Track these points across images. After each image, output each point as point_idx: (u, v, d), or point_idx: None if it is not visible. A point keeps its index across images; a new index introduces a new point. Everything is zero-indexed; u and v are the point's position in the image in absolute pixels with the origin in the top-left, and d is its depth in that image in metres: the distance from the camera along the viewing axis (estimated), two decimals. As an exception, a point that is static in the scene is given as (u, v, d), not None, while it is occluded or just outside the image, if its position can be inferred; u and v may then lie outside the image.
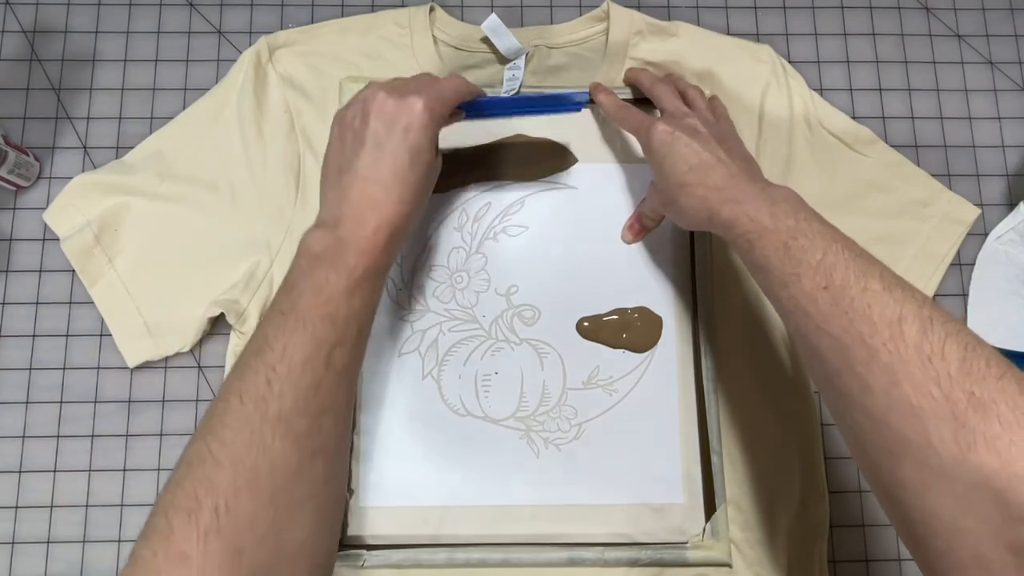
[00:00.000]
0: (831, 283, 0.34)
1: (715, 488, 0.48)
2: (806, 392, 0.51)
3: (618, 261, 0.52)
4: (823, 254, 0.35)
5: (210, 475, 0.31)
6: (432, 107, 0.40)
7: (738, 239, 0.39)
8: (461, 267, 0.52)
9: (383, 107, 0.40)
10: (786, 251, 0.36)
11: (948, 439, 0.28)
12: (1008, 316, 0.53)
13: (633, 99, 0.53)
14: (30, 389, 0.51)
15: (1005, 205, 0.56)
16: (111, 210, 0.51)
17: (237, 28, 0.57)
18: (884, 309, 0.32)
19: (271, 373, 0.34)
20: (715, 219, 0.40)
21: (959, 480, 0.28)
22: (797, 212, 0.37)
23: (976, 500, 0.28)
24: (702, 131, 0.43)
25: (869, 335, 0.32)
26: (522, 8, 0.58)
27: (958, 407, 0.29)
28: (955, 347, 0.30)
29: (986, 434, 0.28)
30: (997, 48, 0.59)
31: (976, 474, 0.28)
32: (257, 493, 0.31)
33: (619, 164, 0.53)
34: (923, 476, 0.29)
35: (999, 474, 0.27)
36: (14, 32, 0.57)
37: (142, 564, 0.29)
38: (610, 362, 0.50)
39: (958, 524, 0.28)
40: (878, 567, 0.50)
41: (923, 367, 0.30)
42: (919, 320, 0.31)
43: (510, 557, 0.47)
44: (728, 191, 0.40)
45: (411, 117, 0.40)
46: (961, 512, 0.28)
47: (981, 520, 0.28)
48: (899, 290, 0.33)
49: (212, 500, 0.30)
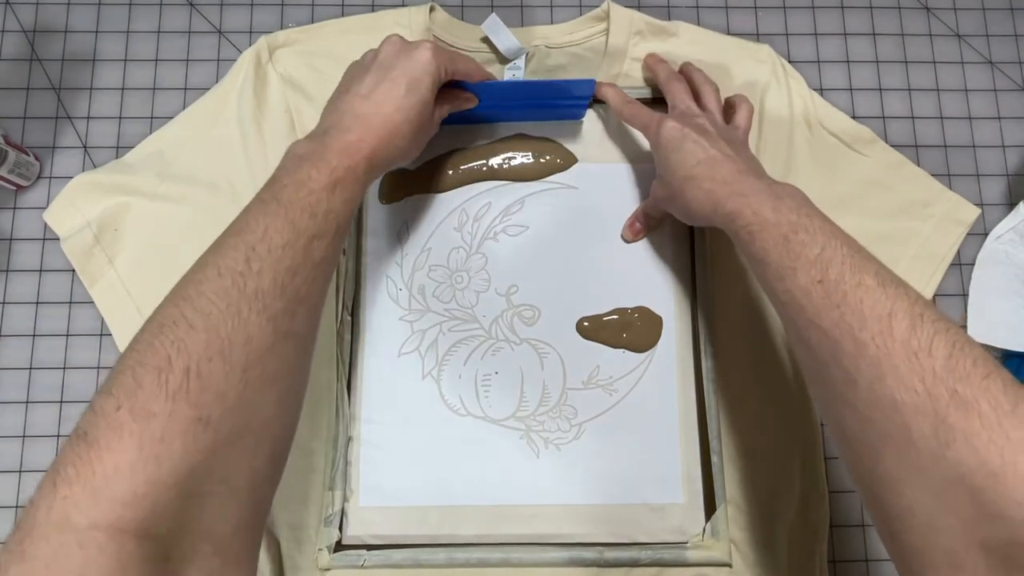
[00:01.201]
0: (826, 277, 0.34)
1: (715, 488, 0.48)
2: (806, 392, 0.51)
3: (618, 261, 0.52)
4: (821, 249, 0.35)
5: (183, 338, 0.30)
6: (439, 56, 0.42)
7: (740, 231, 0.39)
8: (461, 267, 0.52)
9: (393, 42, 0.43)
10: (785, 244, 0.36)
11: (928, 435, 0.29)
12: (1008, 316, 0.53)
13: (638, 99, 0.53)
14: (30, 389, 0.51)
15: (1005, 205, 0.56)
16: (111, 210, 0.51)
17: (237, 28, 0.57)
18: (875, 304, 0.32)
19: (250, 252, 0.33)
20: (719, 211, 0.40)
21: (937, 476, 0.28)
22: (800, 208, 0.38)
23: (953, 497, 0.28)
24: (710, 130, 0.44)
25: (858, 329, 0.32)
26: (522, 8, 0.58)
27: (940, 403, 0.29)
28: (943, 344, 0.30)
29: (966, 431, 0.28)
30: (997, 48, 0.59)
31: (954, 471, 0.28)
32: (230, 363, 0.30)
33: (619, 164, 0.53)
34: (902, 471, 0.30)
35: (976, 472, 0.27)
36: (14, 32, 0.57)
37: (103, 416, 0.28)
38: (610, 362, 0.50)
39: (934, 521, 0.29)
40: (878, 567, 0.50)
41: (909, 362, 0.30)
42: (909, 316, 0.31)
43: (510, 557, 0.47)
44: (735, 185, 0.40)
45: (418, 53, 0.42)
46: (937, 508, 0.28)
47: (957, 517, 0.28)
48: (893, 287, 0.33)
49: (184, 362, 0.29)
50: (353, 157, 0.39)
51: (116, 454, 0.27)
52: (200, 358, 0.30)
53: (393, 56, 0.42)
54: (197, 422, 0.29)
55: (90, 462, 0.27)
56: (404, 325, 0.51)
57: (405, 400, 0.50)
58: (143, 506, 0.26)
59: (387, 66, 0.42)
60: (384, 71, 0.42)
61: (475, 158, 0.53)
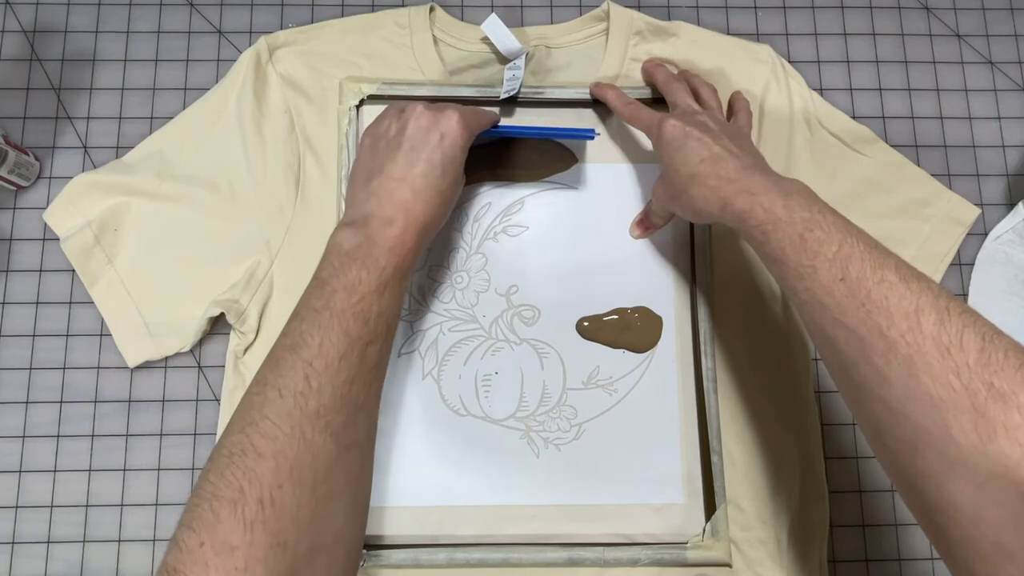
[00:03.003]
0: (847, 275, 0.34)
1: (715, 488, 0.48)
2: (806, 392, 0.51)
3: (618, 261, 0.52)
4: (839, 246, 0.35)
5: (253, 467, 0.31)
6: (467, 122, 0.43)
7: (753, 230, 0.39)
8: (461, 267, 0.52)
9: (420, 116, 0.42)
10: (802, 243, 0.36)
11: (968, 430, 0.29)
12: (1008, 316, 0.53)
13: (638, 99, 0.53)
14: (30, 389, 0.51)
15: (1005, 205, 0.56)
16: (111, 210, 0.51)
17: (237, 28, 0.57)
18: (901, 300, 0.32)
19: (308, 369, 0.34)
20: (728, 208, 0.40)
21: (980, 470, 0.28)
22: (811, 204, 0.38)
23: (997, 490, 0.28)
24: (713, 127, 0.44)
25: (887, 327, 0.32)
26: (522, 8, 0.58)
27: (978, 398, 0.29)
28: (973, 337, 0.30)
29: (1006, 424, 0.28)
30: (997, 48, 0.59)
31: (997, 464, 0.28)
32: (300, 486, 0.32)
33: (619, 164, 0.53)
34: (943, 467, 0.30)
35: (1020, 464, 0.27)
36: (14, 32, 0.57)
37: (188, 554, 0.29)
38: (610, 362, 0.50)
39: (979, 513, 0.29)
40: (878, 567, 0.50)
41: (941, 358, 0.30)
42: (936, 311, 0.31)
43: (510, 557, 0.47)
44: (741, 182, 0.40)
45: (448, 126, 0.42)
46: (982, 502, 0.28)
47: (1003, 509, 0.28)
48: (915, 281, 0.33)
49: (257, 492, 0.31)
50: (400, 254, 0.39)
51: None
52: (271, 486, 0.31)
53: (423, 133, 0.42)
54: (275, 547, 0.30)
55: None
56: (404, 325, 0.51)
57: (405, 400, 0.50)
58: None
59: (419, 145, 0.42)
60: (417, 152, 0.41)
61: (476, 159, 0.53)
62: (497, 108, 0.53)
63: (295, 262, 0.51)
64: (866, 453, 0.52)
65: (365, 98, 0.53)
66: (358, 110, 0.53)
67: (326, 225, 0.51)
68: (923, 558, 0.51)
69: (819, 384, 0.52)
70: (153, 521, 0.50)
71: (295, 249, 0.51)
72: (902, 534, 0.51)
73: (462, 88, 0.53)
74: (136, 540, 0.49)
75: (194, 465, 0.51)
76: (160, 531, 0.50)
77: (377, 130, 0.44)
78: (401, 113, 0.43)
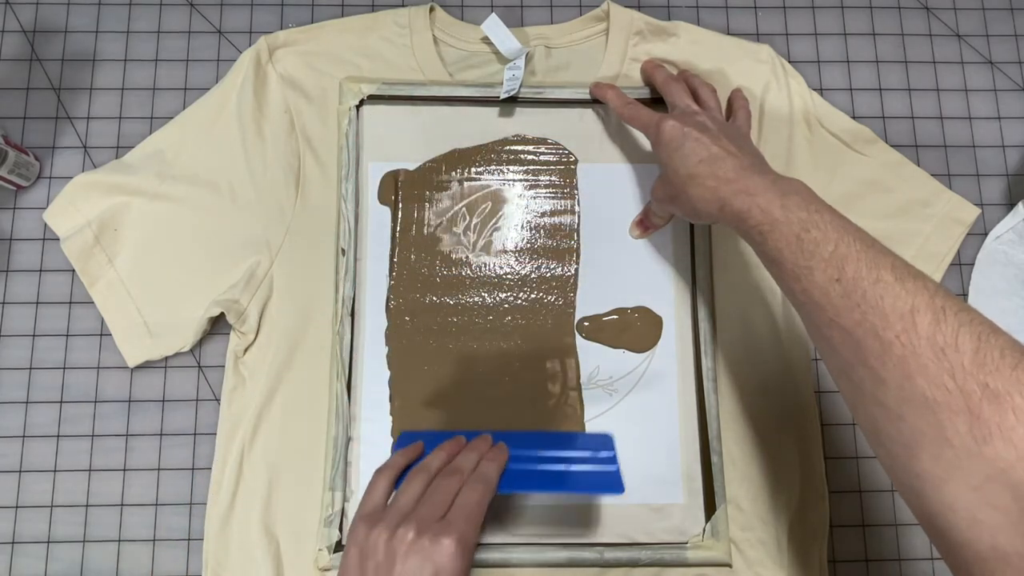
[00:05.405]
0: (843, 275, 0.34)
1: (715, 488, 0.48)
2: (806, 392, 0.51)
3: (618, 261, 0.52)
4: (835, 246, 0.35)
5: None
6: (467, 540, 0.37)
7: (751, 231, 0.39)
8: (461, 267, 0.52)
9: (409, 553, 0.36)
10: (798, 244, 0.36)
11: (963, 432, 0.29)
12: (1008, 316, 0.53)
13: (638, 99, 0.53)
14: (30, 389, 0.51)
15: (1005, 205, 0.56)
16: (111, 210, 0.51)
17: (237, 28, 0.57)
18: (896, 301, 0.32)
19: None
20: (726, 209, 0.40)
21: (975, 473, 0.28)
22: (809, 204, 0.37)
23: (993, 492, 0.28)
24: (711, 128, 0.44)
25: (882, 328, 0.32)
26: (522, 8, 0.58)
27: (972, 399, 0.29)
28: (968, 338, 0.30)
29: (1001, 426, 0.28)
30: (997, 48, 0.59)
31: (992, 467, 0.28)
32: None
33: (619, 164, 0.53)
34: (939, 469, 0.29)
35: (1016, 466, 0.27)
36: (14, 32, 0.57)
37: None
38: (610, 362, 0.50)
39: (976, 516, 0.28)
40: (878, 567, 0.50)
41: (936, 359, 0.30)
42: (931, 311, 0.31)
43: (510, 557, 0.47)
44: (739, 182, 0.40)
45: (441, 561, 0.36)
46: (978, 504, 0.28)
47: (999, 512, 0.28)
48: (911, 280, 0.33)
49: None
50: None
51: None
52: None
53: (416, 570, 0.36)
54: None
55: None
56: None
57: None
58: None
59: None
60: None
61: (475, 158, 0.53)
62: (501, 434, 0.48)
63: (295, 262, 0.51)
64: (866, 453, 0.52)
65: (365, 98, 0.53)
66: (358, 110, 0.53)
67: (326, 225, 0.51)
68: (923, 558, 0.51)
69: (819, 384, 0.52)
70: (153, 521, 0.50)
71: (295, 249, 0.51)
72: (902, 534, 0.51)
73: (462, 88, 0.53)
74: (136, 540, 0.49)
75: (194, 465, 0.51)
76: (160, 531, 0.50)
77: (366, 544, 0.38)
78: (389, 536, 0.37)
